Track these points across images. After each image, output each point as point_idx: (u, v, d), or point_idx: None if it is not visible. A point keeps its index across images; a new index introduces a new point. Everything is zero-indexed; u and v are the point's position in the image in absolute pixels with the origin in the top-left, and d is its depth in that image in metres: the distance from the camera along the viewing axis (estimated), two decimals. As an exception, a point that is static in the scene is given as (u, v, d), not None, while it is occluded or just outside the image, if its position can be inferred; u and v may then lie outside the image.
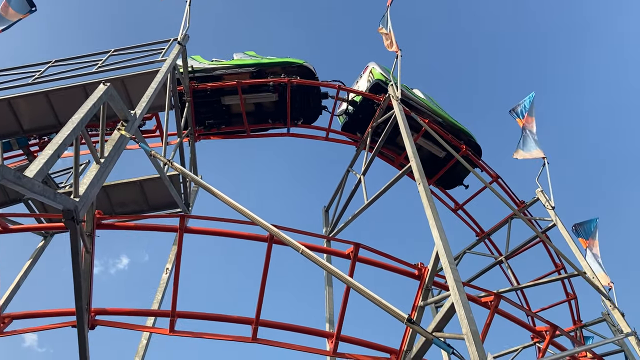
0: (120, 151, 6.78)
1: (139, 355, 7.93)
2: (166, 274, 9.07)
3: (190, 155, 11.17)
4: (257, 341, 6.67)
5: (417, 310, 6.94)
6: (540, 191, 12.78)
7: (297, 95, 11.91)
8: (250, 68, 11.82)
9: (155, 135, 11.41)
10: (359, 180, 11.23)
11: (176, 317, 6.66)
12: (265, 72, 11.84)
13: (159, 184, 9.87)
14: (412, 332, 6.86)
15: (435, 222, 7.27)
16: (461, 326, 5.87)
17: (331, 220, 12.09)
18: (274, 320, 6.87)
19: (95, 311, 6.51)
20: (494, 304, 7.36)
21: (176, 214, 6.98)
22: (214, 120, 12.13)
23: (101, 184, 6.24)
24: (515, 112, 14.28)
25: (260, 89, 11.74)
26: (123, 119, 7.08)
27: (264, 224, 6.59)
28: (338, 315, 7.17)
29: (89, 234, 6.39)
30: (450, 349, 5.60)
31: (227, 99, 11.84)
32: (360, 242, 7.16)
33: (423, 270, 7.22)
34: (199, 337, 6.55)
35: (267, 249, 6.83)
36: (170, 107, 9.72)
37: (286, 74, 11.80)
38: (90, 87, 9.24)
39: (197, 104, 11.69)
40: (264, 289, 6.86)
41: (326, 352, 7.08)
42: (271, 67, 11.93)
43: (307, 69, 12.07)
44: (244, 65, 11.87)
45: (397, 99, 10.54)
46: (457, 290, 6.13)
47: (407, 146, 9.23)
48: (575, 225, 13.04)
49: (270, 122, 12.35)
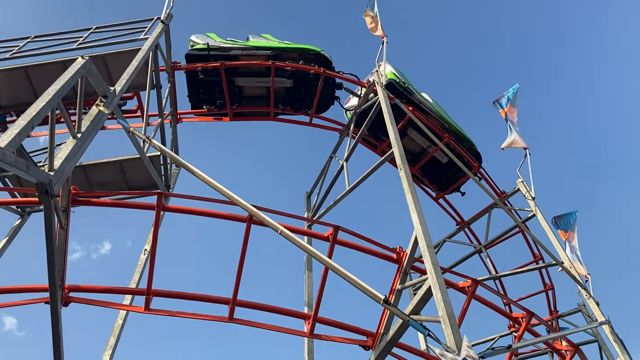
0: (98, 127, 6.68)
1: (115, 335, 7.85)
2: (144, 254, 8.98)
3: (172, 137, 11.05)
4: (234, 321, 6.64)
5: (394, 294, 6.96)
6: (521, 182, 12.88)
7: (312, 84, 11.90)
8: (267, 51, 11.74)
9: (137, 116, 11.26)
10: (341, 166, 11.20)
11: (152, 296, 6.59)
12: (282, 57, 11.77)
13: (139, 165, 9.75)
14: (388, 316, 6.88)
15: (415, 207, 7.27)
16: (437, 309, 5.88)
17: (313, 206, 12.07)
18: (251, 301, 6.84)
19: (69, 288, 6.42)
20: (471, 289, 7.40)
21: (154, 192, 6.88)
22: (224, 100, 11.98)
23: (77, 159, 6.14)
24: (499, 103, 14.34)
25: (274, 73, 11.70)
26: (102, 95, 6.98)
27: (243, 204, 6.56)
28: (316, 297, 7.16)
29: (63, 209, 6.28)
30: (426, 330, 5.62)
31: (240, 80, 11.77)
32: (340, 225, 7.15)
33: (402, 254, 7.23)
34: (174, 316, 6.49)
35: (246, 229, 6.78)
36: (152, 86, 9.61)
37: (304, 61, 11.72)
38: (70, 63, 9.04)
39: (210, 82, 11.60)
40: (241, 269, 6.82)
41: (303, 333, 7.06)
42: (288, 53, 11.86)
43: (324, 58, 11.99)
44: (262, 48, 11.79)
45: (382, 85, 10.52)
46: (434, 274, 6.14)
47: (390, 132, 9.23)
48: (555, 218, 13.16)
49: (281, 107, 12.28)
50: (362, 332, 7.06)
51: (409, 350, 7.26)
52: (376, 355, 6.79)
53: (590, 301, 10.41)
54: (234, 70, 11.57)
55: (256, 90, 11.95)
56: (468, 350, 5.22)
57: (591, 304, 10.36)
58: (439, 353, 5.15)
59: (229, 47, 11.73)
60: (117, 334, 7.86)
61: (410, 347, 7.27)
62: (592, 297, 10.49)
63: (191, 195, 6.83)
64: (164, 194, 6.75)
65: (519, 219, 12.42)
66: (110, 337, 7.89)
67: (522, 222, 12.35)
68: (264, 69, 11.60)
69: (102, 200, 6.93)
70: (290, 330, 6.85)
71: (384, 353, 6.76)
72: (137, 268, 8.72)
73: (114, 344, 7.76)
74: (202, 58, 11.53)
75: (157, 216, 6.69)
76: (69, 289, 6.44)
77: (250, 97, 12.09)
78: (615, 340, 9.65)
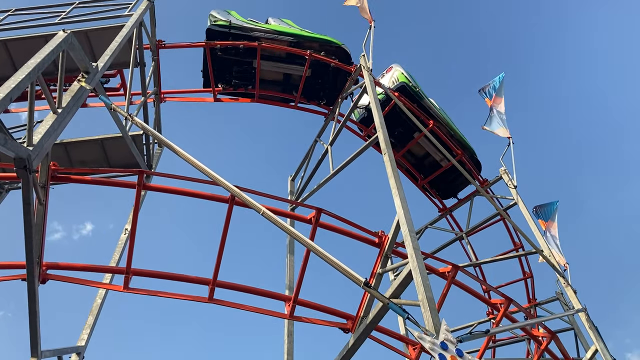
0: (79, 103, 6.56)
1: (93, 314, 7.80)
2: (125, 234, 8.92)
3: (155, 117, 10.91)
4: (214, 301, 6.61)
5: (375, 277, 6.97)
6: (503, 170, 12.96)
7: (329, 76, 11.85)
8: (289, 37, 11.65)
9: (119, 94, 11.10)
10: (326, 150, 11.17)
11: (131, 275, 6.54)
12: (304, 45, 11.70)
13: (120, 144, 9.62)
14: (369, 299, 6.90)
15: (397, 191, 7.27)
16: (417, 293, 5.91)
17: (296, 189, 12.04)
18: (231, 282, 6.82)
19: (47, 265, 6.34)
20: (451, 274, 7.44)
21: (136, 170, 6.79)
22: (240, 81, 11.91)
23: (57, 135, 6.05)
24: (485, 92, 14.39)
25: (293, 60, 11.68)
26: (84, 71, 6.85)
27: (226, 184, 6.50)
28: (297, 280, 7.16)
29: (42, 185, 6.18)
30: (405, 313, 5.64)
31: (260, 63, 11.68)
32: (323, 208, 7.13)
33: (383, 238, 7.23)
34: (154, 295, 6.45)
35: (228, 210, 6.74)
36: (135, 64, 9.46)
37: (325, 52, 11.63)
38: (51, 38, 8.87)
39: (227, 61, 11.49)
40: (222, 250, 6.79)
41: (283, 315, 7.06)
42: (310, 42, 11.77)
43: (344, 52, 11.95)
44: (284, 34, 11.69)
45: (368, 69, 10.46)
46: (415, 258, 6.15)
47: (375, 117, 9.20)
48: (535, 207, 13.29)
49: (294, 94, 12.24)
50: (342, 315, 7.08)
51: (388, 333, 7.32)
52: (355, 338, 6.82)
53: (568, 289, 10.56)
54: (254, 52, 11.48)
55: (273, 74, 11.88)
56: (446, 334, 5.27)
57: (569, 291, 10.51)
58: (417, 336, 5.18)
59: (251, 28, 11.63)
60: (95, 313, 7.82)
61: (389, 331, 7.33)
62: (570, 285, 10.64)
63: (173, 174, 6.76)
64: (145, 173, 6.67)
65: (500, 207, 12.52)
66: (89, 316, 7.85)
67: (503, 210, 12.45)
68: (285, 54, 11.58)
69: (82, 177, 6.83)
70: (270, 311, 6.85)
71: (363, 336, 6.79)
72: (117, 247, 8.66)
73: (92, 323, 7.72)
74: (222, 35, 11.39)
75: (138, 195, 6.61)
76: (47, 266, 6.35)
77: (265, 80, 12.01)
78: (590, 327, 9.82)
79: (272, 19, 12.37)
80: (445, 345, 5.09)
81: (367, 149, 9.97)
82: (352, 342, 6.85)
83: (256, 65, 11.48)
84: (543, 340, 8.73)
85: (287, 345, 8.96)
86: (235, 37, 11.39)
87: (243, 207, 6.73)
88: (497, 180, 13.17)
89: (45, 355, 6.71)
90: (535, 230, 11.88)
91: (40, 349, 6.51)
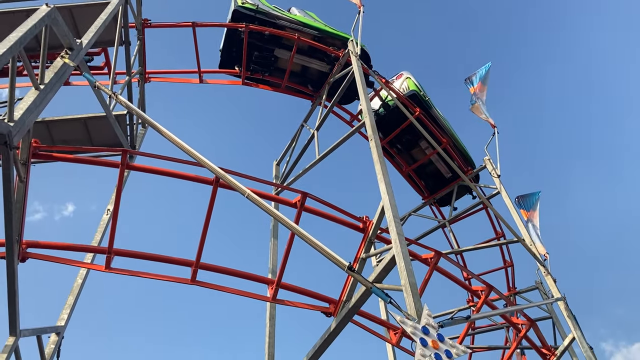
0: (62, 80, 6.44)
1: (74, 294, 7.73)
2: (107, 214, 8.82)
3: (139, 97, 10.78)
4: (196, 283, 6.59)
5: (358, 262, 6.99)
6: (487, 159, 13.04)
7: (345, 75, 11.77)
8: (314, 31, 11.70)
9: (103, 73, 10.92)
10: (312, 135, 11.13)
11: (113, 255, 6.48)
12: (326, 41, 11.72)
13: (104, 124, 9.46)
14: (352, 284, 6.93)
15: (383, 177, 7.28)
16: (400, 278, 5.94)
17: (282, 174, 12.00)
18: (214, 264, 6.79)
19: (27, 244, 6.26)
20: (434, 260, 7.49)
21: (119, 149, 6.71)
22: (259, 67, 11.88)
23: (39, 112, 5.93)
24: (470, 81, 14.42)
25: (314, 54, 11.72)
26: (67, 47, 6.72)
27: (210, 166, 6.44)
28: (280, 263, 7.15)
29: (23, 162, 6.08)
30: (388, 298, 5.65)
31: (280, 51, 11.70)
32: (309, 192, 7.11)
33: (368, 223, 7.25)
34: (135, 276, 6.40)
35: (212, 192, 6.69)
36: (120, 43, 9.30)
37: None
38: (34, 12, 8.73)
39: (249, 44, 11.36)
40: (206, 232, 6.75)
41: (265, 298, 7.06)
42: (333, 39, 11.80)
43: (365, 53, 11.95)
44: (309, 27, 11.68)
45: (356, 54, 10.42)
46: (398, 243, 6.18)
47: (362, 102, 9.17)
48: (518, 197, 13.41)
49: (310, 88, 12.29)
50: (325, 299, 7.11)
51: (370, 318, 7.36)
52: (337, 321, 6.85)
53: (548, 278, 10.69)
54: (278, 40, 11.45)
55: (293, 65, 11.81)
56: (428, 319, 5.30)
57: (549, 280, 10.64)
58: (399, 320, 5.21)
59: (277, 16, 11.63)
60: (76, 293, 7.75)
61: (371, 315, 7.37)
62: (550, 274, 10.77)
63: (157, 154, 6.69)
64: (129, 152, 6.60)
65: (483, 196, 12.61)
66: (69, 296, 7.78)
67: (486, 198, 12.54)
68: (307, 47, 11.58)
69: (64, 156, 6.73)
70: (253, 294, 6.84)
71: (346, 320, 6.82)
72: (99, 228, 8.56)
73: (73, 303, 7.65)
74: (247, 18, 11.31)
75: (121, 174, 6.54)
76: (27, 244, 6.27)
77: (283, 70, 11.98)
78: (569, 316, 9.97)
79: (297, 10, 12.37)
80: (426, 330, 5.13)
81: (353, 135, 9.96)
82: (334, 326, 6.88)
83: (278, 54, 11.63)
84: (522, 328, 8.84)
85: (269, 328, 8.99)
86: (261, 22, 11.34)
87: (228, 189, 6.69)
88: (481, 169, 13.26)
89: (24, 335, 6.65)
90: (517, 219, 11.99)
91: (19, 328, 6.45)
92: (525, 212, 13.26)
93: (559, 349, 9.47)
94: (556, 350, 9.39)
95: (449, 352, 5.04)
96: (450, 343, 5.17)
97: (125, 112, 9.55)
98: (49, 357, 7.23)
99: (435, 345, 5.01)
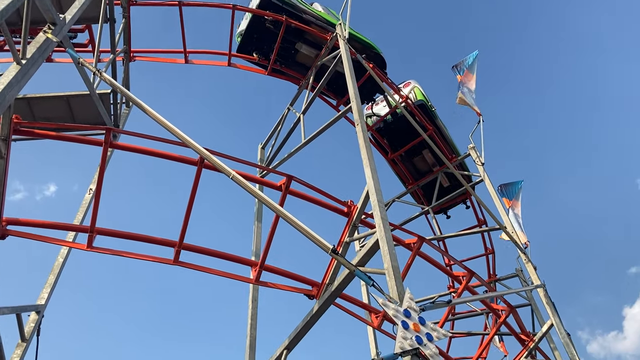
0: (44, 55, 6.32)
1: (54, 273, 7.67)
2: (89, 194, 8.73)
3: (124, 75, 10.62)
4: (179, 264, 6.56)
5: (342, 246, 7.02)
6: (472, 147, 13.10)
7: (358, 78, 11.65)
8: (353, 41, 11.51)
9: (87, 51, 10.74)
10: (298, 118, 11.06)
11: (95, 234, 6.41)
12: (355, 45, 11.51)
13: (87, 102, 9.31)
14: (335, 267, 6.95)
15: (368, 162, 7.28)
16: (383, 262, 5.97)
17: (267, 157, 11.94)
18: (198, 245, 6.76)
19: (7, 221, 6.17)
20: (417, 246, 7.55)
21: (103, 127, 6.62)
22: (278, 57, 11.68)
23: (21, 87, 5.82)
24: (458, 69, 14.43)
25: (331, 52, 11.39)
26: (50, 22, 6.57)
27: (195, 146, 6.40)
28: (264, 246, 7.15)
29: (4, 138, 5.98)
30: (370, 281, 5.70)
31: (301, 46, 11.58)
32: (294, 175, 7.10)
33: (352, 207, 7.27)
34: (118, 255, 6.35)
35: (197, 172, 6.64)
36: (105, 20, 9.15)
37: (366, 56, 11.43)
38: (17, -13, 8.54)
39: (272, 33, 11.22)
40: (190, 212, 6.70)
41: (249, 280, 7.07)
42: (354, 41, 11.57)
43: (381, 60, 11.98)
44: (333, 25, 11.41)
45: (344, 38, 10.35)
46: (382, 227, 6.20)
47: (350, 87, 9.12)
48: (501, 186, 13.53)
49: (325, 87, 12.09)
50: (308, 282, 7.12)
51: (352, 301, 7.40)
52: (320, 304, 6.88)
53: (529, 265, 10.83)
54: (300, 34, 11.35)
55: (309, 60, 11.71)
56: (410, 302, 5.35)
57: (529, 268, 10.78)
58: (381, 303, 5.25)
59: (303, 10, 11.48)
60: (57, 272, 7.68)
61: (353, 299, 7.41)
62: (530, 262, 10.91)
63: (141, 133, 6.61)
64: (113, 130, 6.51)
65: (466, 183, 12.69)
66: (50, 275, 7.71)
67: (470, 185, 12.63)
68: None
69: (46, 132, 6.62)
70: (236, 276, 6.83)
71: (328, 302, 6.86)
72: (81, 207, 8.48)
73: (53, 282, 7.59)
74: (274, 7, 11.14)
75: (105, 153, 6.46)
76: (7, 221, 6.18)
77: (299, 64, 11.90)
78: (547, 303, 10.12)
79: (322, 8, 12.22)
80: (408, 313, 5.18)
81: (339, 120, 9.93)
82: (316, 308, 6.92)
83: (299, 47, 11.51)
84: (502, 314, 8.97)
85: (252, 310, 8.98)
86: (288, 13, 11.15)
87: (212, 170, 6.65)
88: (465, 156, 13.33)
89: (4, 312, 6.60)
90: (500, 207, 12.10)
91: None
92: (508, 201, 13.39)
93: (537, 335, 9.63)
94: (534, 336, 9.56)
95: (429, 335, 5.11)
96: (431, 326, 5.23)
97: (109, 91, 9.40)
98: (29, 335, 7.17)
99: (417, 328, 5.06)
